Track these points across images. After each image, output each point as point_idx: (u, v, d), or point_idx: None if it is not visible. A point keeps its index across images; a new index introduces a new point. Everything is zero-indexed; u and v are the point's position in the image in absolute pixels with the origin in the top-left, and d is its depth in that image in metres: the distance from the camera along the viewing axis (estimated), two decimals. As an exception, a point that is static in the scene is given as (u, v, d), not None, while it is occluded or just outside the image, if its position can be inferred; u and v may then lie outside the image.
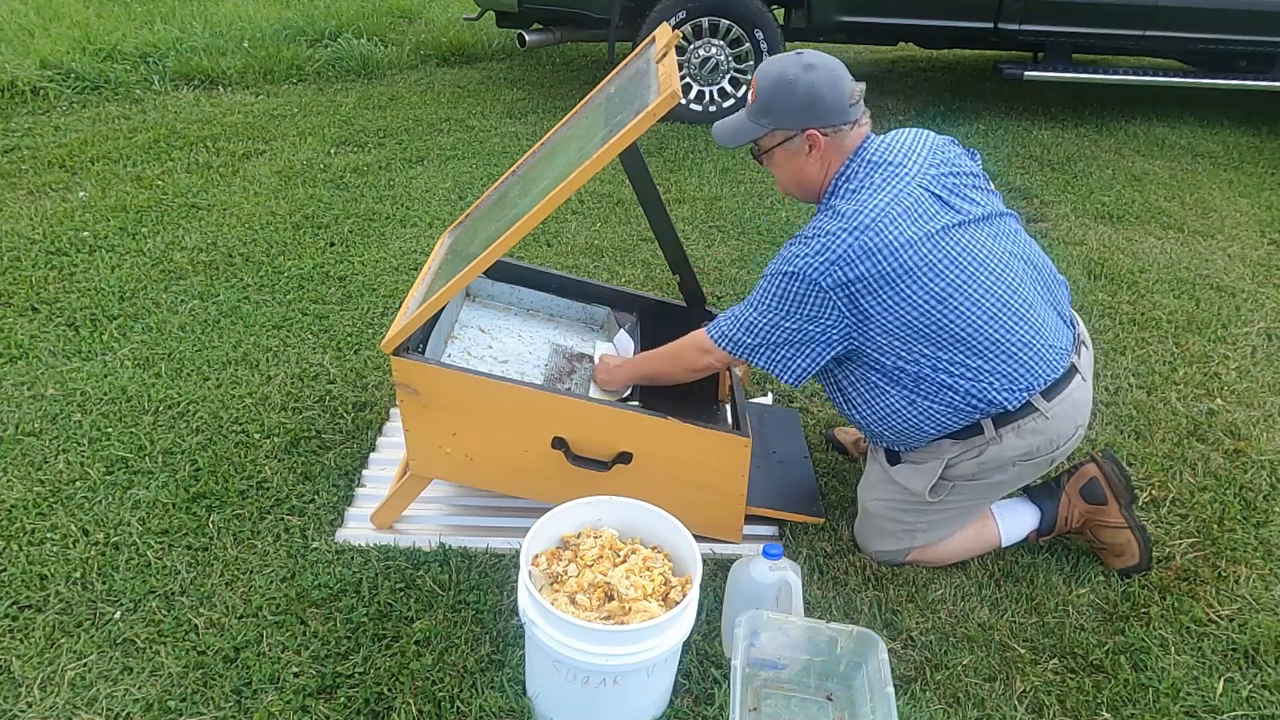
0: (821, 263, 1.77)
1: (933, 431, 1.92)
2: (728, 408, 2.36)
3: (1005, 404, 1.85)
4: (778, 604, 1.75)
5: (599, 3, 5.00)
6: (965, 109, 5.71)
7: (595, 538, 1.73)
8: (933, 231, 1.79)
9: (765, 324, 1.86)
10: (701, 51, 5.08)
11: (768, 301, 1.85)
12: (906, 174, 1.84)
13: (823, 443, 2.52)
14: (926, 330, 1.81)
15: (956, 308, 1.80)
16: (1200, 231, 4.06)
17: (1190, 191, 4.55)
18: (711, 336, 1.95)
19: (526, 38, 5.28)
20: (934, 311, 1.79)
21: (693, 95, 5.17)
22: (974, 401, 1.85)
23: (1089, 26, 5.11)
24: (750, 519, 2.13)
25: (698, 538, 1.72)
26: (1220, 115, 5.79)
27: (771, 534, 2.18)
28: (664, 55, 1.95)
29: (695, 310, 2.34)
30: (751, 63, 5.11)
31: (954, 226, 1.81)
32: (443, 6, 7.41)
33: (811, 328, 1.83)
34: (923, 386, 1.86)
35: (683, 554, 1.70)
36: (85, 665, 1.75)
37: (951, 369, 1.83)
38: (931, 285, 1.78)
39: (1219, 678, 1.84)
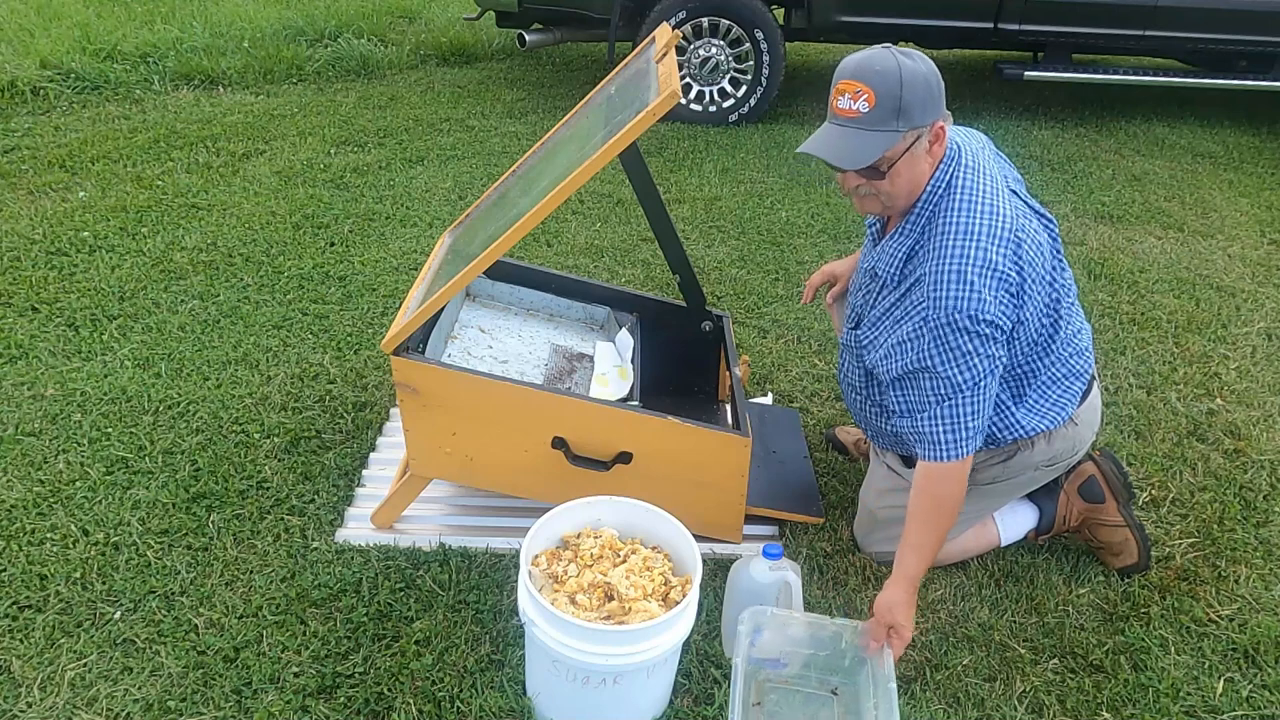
0: (994, 295, 1.64)
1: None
2: (728, 408, 2.36)
3: (1052, 423, 1.87)
4: (778, 604, 1.75)
5: (599, 3, 5.00)
6: (965, 109, 5.71)
7: (595, 538, 1.73)
8: (1038, 237, 1.76)
9: (979, 395, 1.70)
10: (701, 51, 5.08)
11: (963, 369, 1.68)
12: (993, 175, 1.75)
13: (823, 443, 2.52)
14: (1032, 343, 1.79)
15: (1058, 319, 1.80)
16: (1200, 231, 4.06)
17: (1190, 191, 4.55)
18: (951, 459, 1.72)
19: (526, 38, 5.28)
20: (1045, 323, 1.78)
21: (693, 95, 5.17)
22: (1026, 428, 1.86)
23: (1089, 26, 5.11)
24: (750, 519, 2.13)
25: (698, 538, 1.72)
26: (1220, 115, 5.79)
27: (771, 534, 2.18)
28: (664, 55, 1.95)
29: (695, 310, 2.34)
30: (751, 63, 5.11)
31: (1041, 231, 1.79)
32: (443, 6, 7.41)
33: (997, 367, 1.71)
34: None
35: (683, 554, 1.70)
36: (85, 665, 1.75)
37: (1032, 383, 1.83)
38: (1048, 295, 1.77)
39: (1219, 678, 1.85)
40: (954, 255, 1.66)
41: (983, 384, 1.70)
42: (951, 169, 1.74)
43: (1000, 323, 1.66)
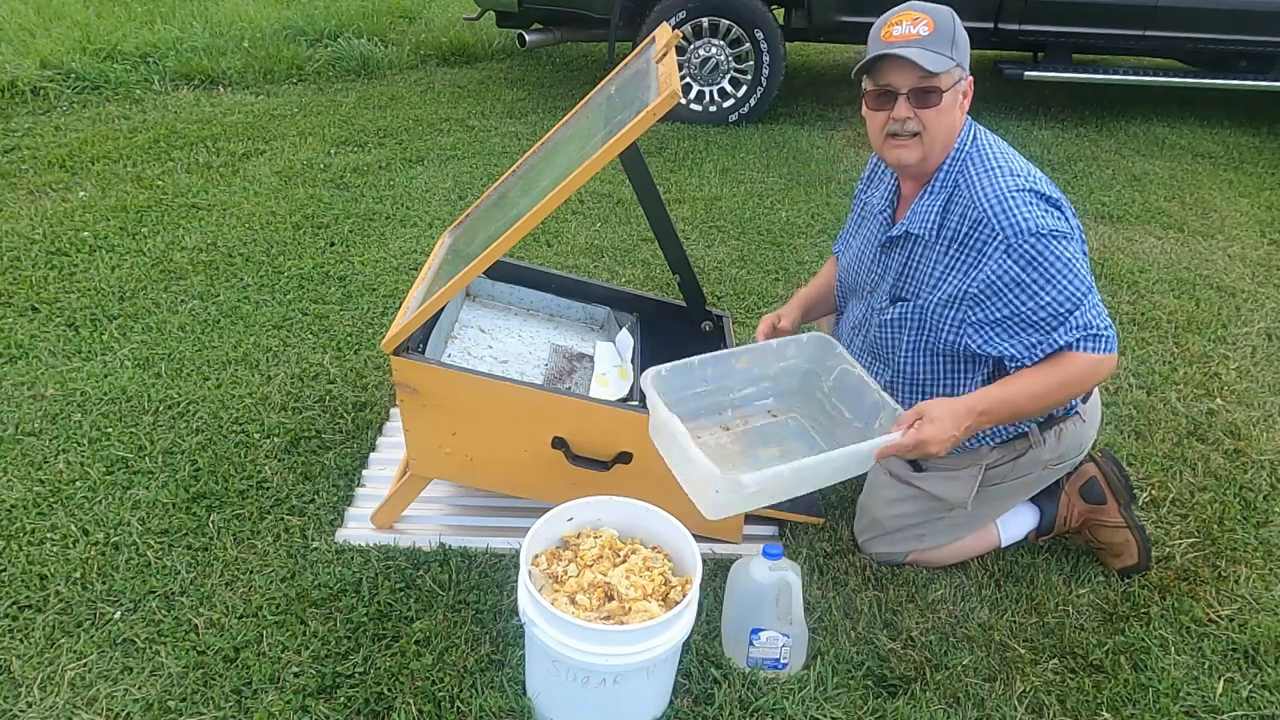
0: (1059, 214, 1.70)
1: (983, 440, 1.90)
2: (728, 408, 2.36)
3: (1071, 404, 1.87)
4: (778, 604, 1.75)
5: (599, 3, 5.00)
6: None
7: (595, 538, 1.73)
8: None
9: (1095, 296, 1.70)
10: (701, 51, 5.08)
11: (1075, 269, 1.66)
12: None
13: (823, 443, 2.52)
14: None
15: None
16: (1200, 231, 4.06)
17: (1190, 191, 4.55)
18: (1103, 350, 1.68)
19: (526, 38, 5.28)
20: None
21: (693, 95, 5.17)
22: None
23: (1089, 26, 5.11)
24: (750, 519, 2.13)
25: (698, 538, 1.72)
26: (1220, 115, 5.79)
27: (771, 534, 2.18)
28: (664, 55, 1.95)
29: (695, 310, 2.34)
30: (751, 63, 5.10)
31: None
32: (443, 6, 7.41)
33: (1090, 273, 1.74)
34: None
35: (683, 554, 1.70)
36: (85, 665, 1.75)
37: None
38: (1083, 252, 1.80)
39: (1219, 678, 1.85)
40: (1009, 186, 1.70)
41: (1092, 287, 1.69)
42: (973, 133, 1.81)
43: (1074, 234, 1.71)
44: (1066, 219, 1.73)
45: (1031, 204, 1.67)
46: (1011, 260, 1.67)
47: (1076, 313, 1.67)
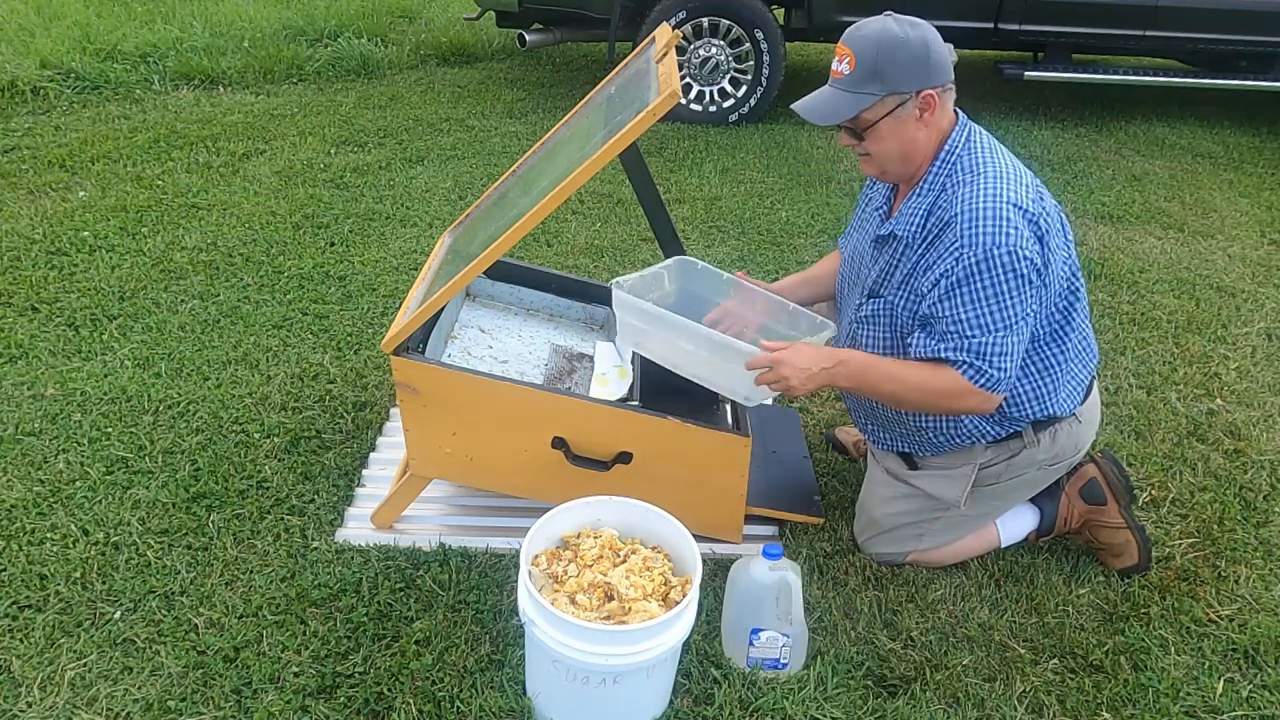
0: (1030, 234, 1.64)
1: (976, 439, 1.91)
2: (728, 408, 2.36)
3: (1061, 409, 1.86)
4: (778, 604, 1.75)
5: (599, 3, 5.00)
6: (965, 109, 5.69)
7: (595, 538, 1.73)
8: (1059, 219, 1.78)
9: (1017, 336, 1.68)
10: (701, 51, 5.08)
11: (1005, 303, 1.65)
12: (1004, 147, 1.80)
13: (823, 443, 2.52)
14: (1049, 322, 1.79)
15: (1073, 300, 1.80)
16: (1200, 231, 4.06)
17: (1190, 191, 4.55)
18: (980, 383, 1.69)
19: (526, 38, 5.28)
20: (1062, 302, 1.78)
21: (693, 95, 5.17)
22: (1038, 407, 1.85)
23: (1089, 26, 5.11)
24: (750, 519, 2.13)
25: (698, 538, 1.72)
26: (1220, 115, 5.79)
27: (771, 534, 2.18)
28: (664, 55, 1.95)
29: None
30: (751, 63, 5.10)
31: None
32: (443, 6, 7.41)
33: (1034, 308, 1.70)
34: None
35: (683, 554, 1.70)
36: (85, 665, 1.75)
37: (1042, 369, 1.83)
38: (1064, 270, 1.78)
39: (1219, 678, 1.85)
40: (986, 194, 1.67)
41: (1012, 328, 1.68)
42: (966, 133, 1.79)
43: (1036, 261, 1.66)
44: (1040, 239, 1.67)
45: (1005, 218, 1.64)
46: (958, 266, 1.67)
47: (979, 339, 1.68)
